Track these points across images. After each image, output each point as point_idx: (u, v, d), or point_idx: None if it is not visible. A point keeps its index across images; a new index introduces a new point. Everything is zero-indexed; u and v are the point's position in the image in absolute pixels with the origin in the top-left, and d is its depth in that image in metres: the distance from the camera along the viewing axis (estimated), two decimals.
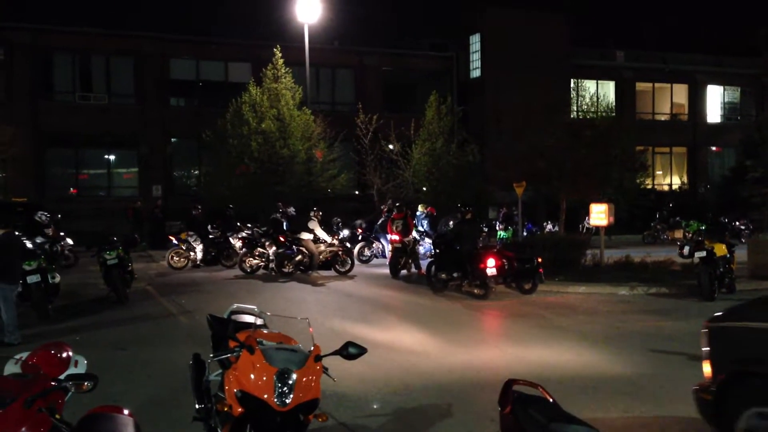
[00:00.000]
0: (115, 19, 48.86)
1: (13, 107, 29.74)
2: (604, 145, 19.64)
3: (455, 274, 14.88)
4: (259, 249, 18.45)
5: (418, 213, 21.96)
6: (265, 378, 3.69)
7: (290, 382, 3.68)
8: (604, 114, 28.86)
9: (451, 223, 17.90)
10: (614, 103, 37.05)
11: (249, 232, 20.12)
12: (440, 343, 9.88)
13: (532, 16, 37.03)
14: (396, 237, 18.42)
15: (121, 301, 13.48)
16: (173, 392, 6.63)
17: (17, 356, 4.06)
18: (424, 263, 17.61)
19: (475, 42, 37.79)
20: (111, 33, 32.06)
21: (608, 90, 39.75)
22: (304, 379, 3.75)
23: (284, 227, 19.02)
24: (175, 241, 20.10)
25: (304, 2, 27.13)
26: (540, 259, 14.82)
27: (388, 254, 19.67)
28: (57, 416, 3.26)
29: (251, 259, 18.43)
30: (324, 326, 10.68)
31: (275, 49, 27.90)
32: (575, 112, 27.53)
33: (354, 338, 4.29)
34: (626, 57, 41.45)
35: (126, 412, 3.68)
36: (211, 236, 20.53)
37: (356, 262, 19.56)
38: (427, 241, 20.78)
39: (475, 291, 14.41)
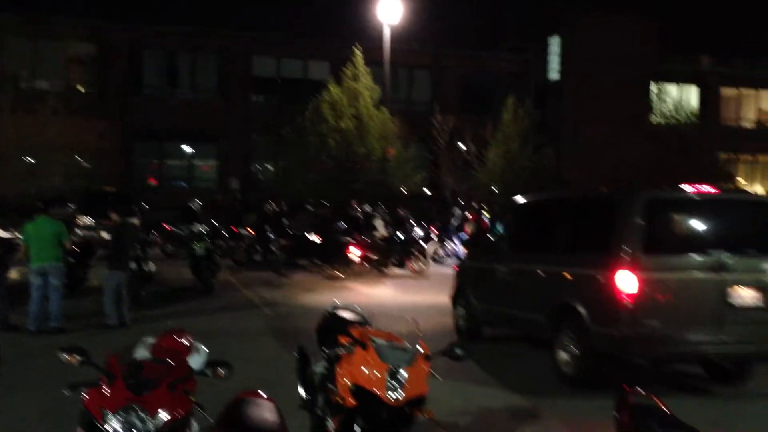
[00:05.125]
0: (201, 18, 50.34)
1: (104, 103, 31.06)
2: (689, 154, 19.19)
3: None
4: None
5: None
6: (377, 374, 3.89)
7: (401, 378, 3.87)
8: (687, 120, 28.19)
9: None
10: (698, 109, 36.04)
11: None
12: None
13: (614, 19, 36.32)
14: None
15: (208, 291, 14.01)
16: (269, 382, 6.88)
17: (146, 340, 4.37)
18: None
19: (554, 44, 37.35)
20: (197, 31, 33.16)
21: (691, 95, 38.64)
22: (414, 376, 3.94)
23: (360, 225, 19.37)
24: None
25: (385, 2, 27.42)
26: None
27: (462, 255, 19.73)
28: (193, 399, 3.53)
29: None
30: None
31: (355, 48, 28.28)
32: (657, 118, 26.98)
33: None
34: (711, 61, 40.17)
35: (265, 396, 3.94)
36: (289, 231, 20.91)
37: (430, 261, 19.70)
38: None
39: None
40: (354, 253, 17.03)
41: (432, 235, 22.73)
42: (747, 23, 68.84)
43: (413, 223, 24.67)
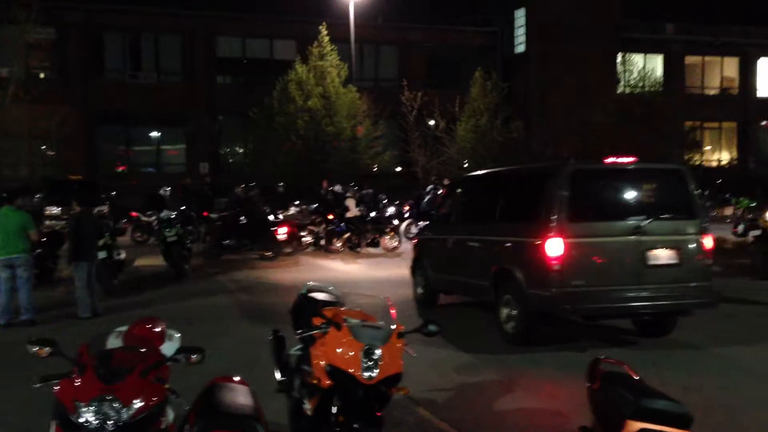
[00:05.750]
0: None
1: (65, 87, 30.46)
2: (655, 121, 19.40)
3: None
4: (309, 226, 18.77)
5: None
6: (352, 353, 3.90)
7: (376, 357, 3.88)
8: (652, 89, 28.44)
9: None
10: (662, 78, 36.38)
11: (298, 209, 20.45)
12: None
13: None
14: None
15: (180, 276, 13.93)
16: (246, 365, 6.90)
17: (117, 329, 4.33)
18: None
19: (519, 17, 37.36)
20: (159, 11, 32.56)
21: (656, 64, 38.98)
22: (388, 354, 3.95)
23: (332, 205, 19.35)
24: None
25: None
26: None
27: None
28: (166, 386, 3.51)
29: (301, 236, 18.76)
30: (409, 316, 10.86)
31: (321, 27, 28.03)
32: (623, 87, 27.20)
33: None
34: (676, 30, 40.49)
35: (237, 379, 3.93)
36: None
37: (403, 239, 19.75)
38: None
39: None
40: (281, 233, 17.30)
41: (405, 213, 22.78)
42: None
43: (385, 201, 24.76)
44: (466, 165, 29.18)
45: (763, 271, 13.57)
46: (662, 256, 7.94)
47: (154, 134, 34.32)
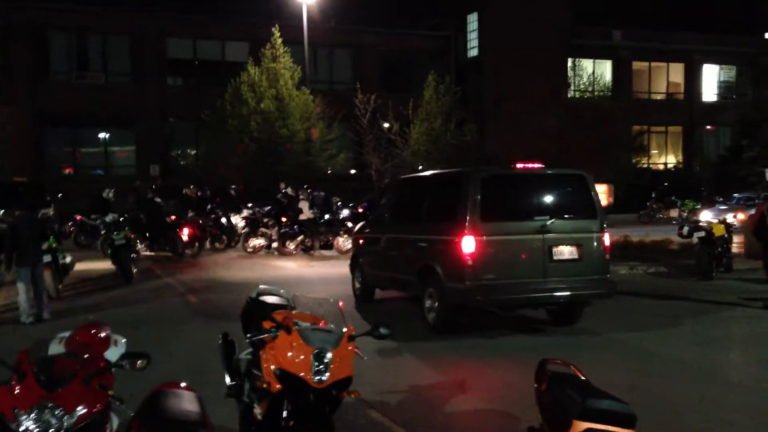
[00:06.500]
0: None
1: (10, 87, 29.60)
2: (604, 126, 19.81)
3: None
4: (261, 229, 18.62)
5: None
6: (302, 357, 3.86)
7: (326, 360, 3.85)
8: (601, 93, 29.02)
9: None
10: (611, 83, 37.16)
11: (251, 212, 20.26)
12: None
13: None
14: None
15: (128, 280, 13.66)
16: (196, 370, 6.80)
17: (60, 335, 4.21)
18: None
19: (472, 21, 37.72)
20: (107, 11, 31.90)
21: (605, 69, 39.80)
22: (339, 358, 3.93)
23: (285, 207, 19.24)
24: None
25: None
26: None
27: None
28: (110, 392, 3.43)
29: (254, 238, 18.61)
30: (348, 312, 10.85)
31: (273, 29, 27.85)
32: (573, 92, 27.70)
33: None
34: (623, 36, 41.39)
35: (183, 384, 3.85)
36: (212, 216, 20.60)
37: None
38: None
39: None
40: (184, 233, 17.71)
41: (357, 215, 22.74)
42: None
43: (339, 203, 24.70)
44: (420, 168, 29.29)
45: (707, 271, 13.95)
46: (565, 251, 8.86)
47: (103, 136, 33.58)
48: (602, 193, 17.71)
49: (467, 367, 7.72)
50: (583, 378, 3.47)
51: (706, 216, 20.43)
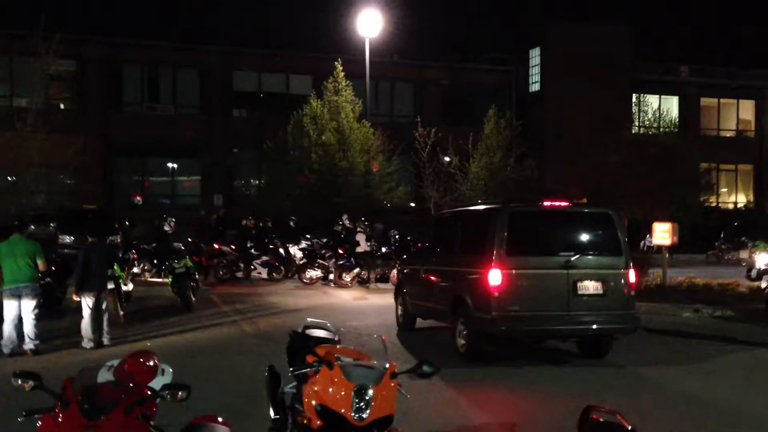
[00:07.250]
0: (181, 33, 50.22)
1: (85, 118, 30.83)
2: (669, 164, 19.30)
3: None
4: (318, 260, 18.75)
5: None
6: (343, 393, 3.82)
7: (367, 397, 3.81)
8: (667, 130, 28.36)
9: None
10: (677, 119, 36.33)
11: (309, 243, 20.44)
12: None
13: (594, 29, 36.65)
14: None
15: (187, 308, 13.90)
16: (244, 401, 6.83)
17: (109, 363, 4.29)
18: None
19: (534, 56, 37.61)
20: (177, 46, 33.08)
21: (671, 105, 38.97)
22: (380, 395, 3.87)
23: (342, 239, 19.36)
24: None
25: (365, 16, 27.53)
26: None
27: None
28: (151, 423, 3.46)
29: (311, 270, 18.74)
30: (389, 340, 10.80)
31: (336, 63, 28.32)
32: (637, 128, 27.16)
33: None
34: (690, 72, 40.56)
35: (220, 419, 3.87)
36: (271, 246, 20.78)
37: None
38: None
39: None
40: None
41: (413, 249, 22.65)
42: (726, 32, 69.67)
43: (397, 236, 24.68)
44: (479, 202, 29.05)
45: None
46: (590, 286, 9.24)
47: (171, 165, 34.62)
48: (666, 231, 17.14)
49: (498, 399, 8.00)
50: (629, 427, 3.32)
51: None
